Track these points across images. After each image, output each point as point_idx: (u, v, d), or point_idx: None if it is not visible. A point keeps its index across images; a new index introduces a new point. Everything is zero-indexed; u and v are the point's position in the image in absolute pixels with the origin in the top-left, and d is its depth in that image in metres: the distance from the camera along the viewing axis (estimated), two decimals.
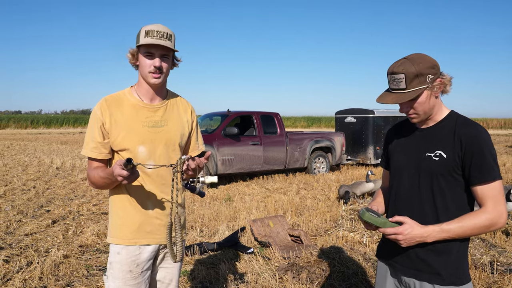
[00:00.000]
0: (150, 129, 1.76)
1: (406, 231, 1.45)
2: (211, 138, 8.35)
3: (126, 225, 1.76)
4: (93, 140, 1.73)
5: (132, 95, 1.79)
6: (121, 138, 1.72)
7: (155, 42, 1.65)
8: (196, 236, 4.78)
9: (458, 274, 1.50)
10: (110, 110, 1.74)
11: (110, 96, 1.79)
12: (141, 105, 1.77)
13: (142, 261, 1.77)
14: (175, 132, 1.82)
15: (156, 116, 1.79)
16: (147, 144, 1.75)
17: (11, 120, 42.74)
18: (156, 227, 1.79)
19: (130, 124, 1.74)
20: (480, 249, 4.27)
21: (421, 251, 1.51)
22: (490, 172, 1.42)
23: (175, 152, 1.83)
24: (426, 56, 1.49)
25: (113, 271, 1.76)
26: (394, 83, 1.49)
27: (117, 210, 1.79)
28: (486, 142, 1.44)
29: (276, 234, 4.64)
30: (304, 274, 3.55)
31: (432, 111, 1.53)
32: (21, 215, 5.69)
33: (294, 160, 9.80)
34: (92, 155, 1.73)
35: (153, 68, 1.69)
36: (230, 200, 6.94)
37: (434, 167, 1.49)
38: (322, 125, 49.41)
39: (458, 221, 1.44)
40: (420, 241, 1.46)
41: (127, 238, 1.76)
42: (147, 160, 1.75)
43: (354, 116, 12.30)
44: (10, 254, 4.05)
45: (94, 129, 1.73)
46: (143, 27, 1.70)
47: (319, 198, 7.16)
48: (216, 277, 3.54)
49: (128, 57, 1.76)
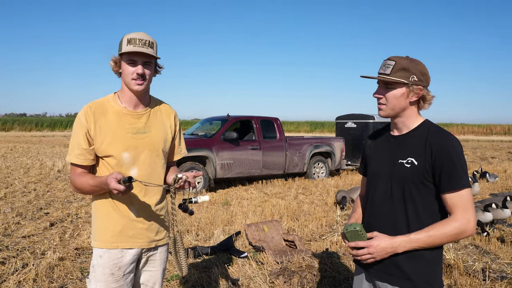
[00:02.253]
0: (134, 136, 1.79)
1: (375, 243, 1.51)
2: (210, 143, 8.40)
3: (109, 229, 1.80)
4: (78, 147, 1.75)
5: (115, 102, 1.81)
6: (105, 145, 1.75)
7: (137, 50, 1.68)
8: (191, 240, 4.81)
9: (429, 280, 1.53)
10: (95, 117, 1.76)
11: (94, 103, 1.81)
12: (125, 112, 1.80)
13: (124, 265, 1.80)
14: (158, 138, 1.85)
15: (140, 123, 1.81)
16: (131, 150, 1.78)
17: (16, 122, 43.09)
18: (139, 231, 1.82)
19: (114, 131, 1.76)
20: (473, 256, 4.28)
21: (393, 255, 1.55)
22: (459, 181, 1.46)
23: (159, 157, 1.86)
24: (423, 65, 1.56)
25: (96, 274, 1.79)
26: (383, 68, 1.57)
27: (100, 215, 1.82)
28: (456, 151, 1.47)
29: (270, 238, 4.67)
30: (296, 279, 3.58)
31: (400, 112, 1.58)
32: (20, 217, 5.75)
33: (294, 165, 9.83)
34: (78, 162, 1.76)
35: (136, 75, 1.72)
36: (228, 205, 6.97)
37: (406, 174, 1.53)
38: (325, 130, 49.38)
39: (427, 231, 1.48)
40: (391, 252, 1.51)
41: (109, 242, 1.79)
42: (131, 165, 1.78)
43: (354, 121, 12.33)
44: (7, 256, 4.10)
45: (79, 135, 1.75)
46: (125, 36, 1.74)
47: (316, 203, 7.18)
48: (208, 281, 3.57)
49: (110, 64, 1.78)
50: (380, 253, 1.51)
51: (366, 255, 1.53)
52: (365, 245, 1.53)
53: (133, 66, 1.73)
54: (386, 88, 1.56)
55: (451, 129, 46.92)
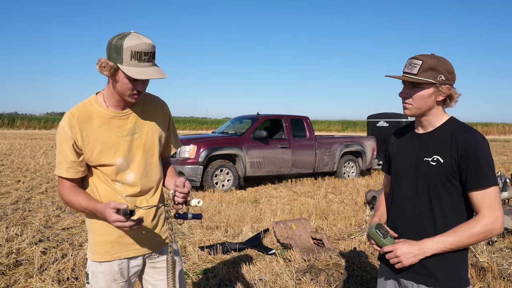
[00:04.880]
0: (125, 139, 1.65)
1: (402, 245, 1.51)
2: (240, 141, 8.51)
3: (107, 241, 1.67)
4: (67, 160, 1.59)
5: (99, 104, 1.64)
6: (96, 154, 1.61)
7: (148, 77, 1.50)
8: (220, 236, 4.91)
9: (455, 278, 1.52)
10: (80, 126, 1.58)
11: (76, 109, 1.62)
12: (112, 115, 1.64)
13: (126, 271, 1.72)
14: (152, 136, 1.72)
15: (129, 124, 1.67)
16: (125, 155, 1.65)
17: (56, 121, 44.95)
18: (137, 239, 1.71)
19: (103, 137, 1.62)
20: (508, 259, 4.13)
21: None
22: (485, 178, 1.44)
23: (154, 157, 1.74)
24: (450, 63, 1.55)
25: (97, 280, 1.68)
26: (409, 67, 1.55)
27: (96, 227, 1.69)
28: (483, 148, 1.46)
29: (298, 236, 4.69)
30: (322, 277, 3.59)
31: (426, 111, 1.56)
32: (60, 211, 6.06)
33: (323, 164, 9.78)
34: (68, 176, 1.60)
35: (136, 91, 1.57)
36: (257, 202, 7.04)
37: (432, 172, 1.53)
38: (357, 129, 48.60)
39: (453, 232, 1.46)
40: (418, 254, 1.49)
41: (109, 254, 1.67)
42: (126, 171, 1.66)
43: (387, 120, 12.09)
44: (48, 247, 4.35)
45: (65, 148, 1.58)
46: (126, 42, 1.49)
47: (346, 203, 7.13)
48: (236, 276, 3.65)
49: (100, 70, 1.55)
50: (407, 255, 1.49)
51: (394, 259, 1.53)
52: (391, 249, 1.53)
53: (133, 83, 1.55)
54: (413, 88, 1.54)
55: (492, 128, 44.95)
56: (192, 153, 7.93)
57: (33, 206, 6.33)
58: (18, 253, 4.11)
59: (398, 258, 1.51)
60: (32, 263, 3.83)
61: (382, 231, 1.57)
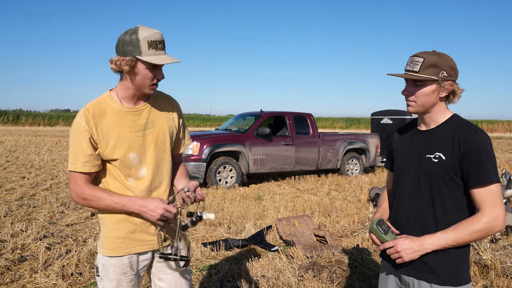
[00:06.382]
0: (138, 134, 1.69)
1: (402, 241, 1.52)
2: (243, 138, 8.52)
3: (118, 236, 1.71)
4: (84, 154, 1.62)
5: (113, 100, 1.69)
6: (110, 148, 1.65)
7: (169, 61, 1.59)
8: (223, 232, 4.93)
9: (456, 275, 1.52)
10: (95, 120, 1.64)
11: (91, 105, 1.67)
12: (125, 110, 1.69)
13: (136, 265, 1.76)
14: (163, 132, 1.76)
15: (142, 119, 1.71)
16: (137, 150, 1.69)
17: (60, 118, 45.08)
18: (149, 234, 1.75)
19: (117, 132, 1.66)
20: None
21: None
22: (487, 175, 1.43)
23: (166, 153, 1.78)
24: (452, 59, 1.54)
25: (107, 273, 1.72)
26: (410, 65, 1.55)
27: (108, 222, 1.72)
28: (484, 145, 1.45)
29: (301, 233, 4.70)
30: (325, 274, 3.59)
31: (429, 108, 1.56)
32: (64, 207, 6.10)
33: (327, 161, 9.77)
34: (85, 170, 1.63)
35: (156, 80, 1.65)
36: (260, 199, 7.06)
37: (434, 169, 1.53)
38: (361, 126, 48.45)
39: (454, 229, 1.47)
40: (419, 250, 1.50)
41: (120, 249, 1.71)
42: (139, 166, 1.70)
43: (391, 117, 12.05)
44: (52, 242, 4.39)
45: (82, 142, 1.62)
46: (140, 34, 1.57)
47: (349, 200, 7.12)
48: (239, 272, 3.66)
49: (120, 66, 1.60)
50: (408, 251, 1.50)
51: (394, 254, 1.54)
52: (392, 245, 1.54)
53: (153, 72, 1.62)
54: (415, 86, 1.55)
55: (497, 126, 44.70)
56: (196, 150, 7.94)
57: (38, 202, 6.37)
58: (23, 248, 4.15)
59: (398, 253, 1.52)
60: (36, 258, 3.86)
61: (384, 227, 1.58)
